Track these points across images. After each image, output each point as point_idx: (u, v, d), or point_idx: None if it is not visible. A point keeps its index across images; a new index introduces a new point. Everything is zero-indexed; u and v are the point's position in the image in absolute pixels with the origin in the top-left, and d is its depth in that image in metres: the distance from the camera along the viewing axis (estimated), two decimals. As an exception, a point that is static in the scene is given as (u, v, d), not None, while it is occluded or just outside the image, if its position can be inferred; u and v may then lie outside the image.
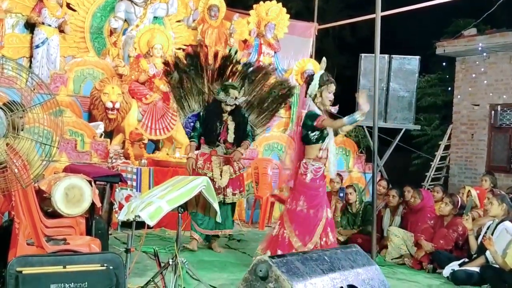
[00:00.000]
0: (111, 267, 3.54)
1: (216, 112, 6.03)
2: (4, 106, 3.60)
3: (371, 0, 6.30)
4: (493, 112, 10.72)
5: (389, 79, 8.73)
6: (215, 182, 5.84)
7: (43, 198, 4.19)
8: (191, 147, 6.12)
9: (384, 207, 6.86)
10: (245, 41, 10.09)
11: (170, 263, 3.98)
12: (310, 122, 5.08)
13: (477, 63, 10.97)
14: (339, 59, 15.58)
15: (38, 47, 8.34)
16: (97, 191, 4.44)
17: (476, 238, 5.68)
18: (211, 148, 6.08)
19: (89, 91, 8.10)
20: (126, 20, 9.06)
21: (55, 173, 5.27)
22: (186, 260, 4.09)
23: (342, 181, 7.49)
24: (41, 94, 3.70)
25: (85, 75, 8.55)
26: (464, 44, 10.82)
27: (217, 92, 6.05)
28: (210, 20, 9.41)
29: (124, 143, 8.00)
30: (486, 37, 10.46)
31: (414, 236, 6.16)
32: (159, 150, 8.46)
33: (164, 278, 4.04)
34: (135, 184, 7.09)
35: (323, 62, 5.35)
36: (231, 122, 6.07)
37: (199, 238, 6.08)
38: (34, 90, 3.72)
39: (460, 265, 5.57)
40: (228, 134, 6.05)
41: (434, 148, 12.62)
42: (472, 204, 6.26)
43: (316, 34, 11.60)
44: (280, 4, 10.17)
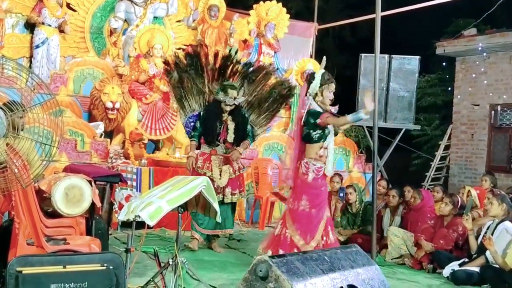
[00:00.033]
0: (111, 267, 3.54)
1: (216, 112, 6.04)
2: (4, 106, 3.60)
3: (371, 0, 6.30)
4: (493, 112, 10.71)
5: (389, 79, 8.73)
6: (214, 182, 5.84)
7: (43, 198, 4.19)
8: (191, 146, 6.13)
9: (384, 207, 6.85)
10: (245, 41, 10.08)
11: (170, 263, 3.97)
12: (313, 120, 5.06)
13: (477, 63, 10.96)
14: (339, 59, 15.56)
15: (38, 47, 8.34)
16: (97, 191, 4.44)
17: (476, 238, 5.68)
18: (211, 148, 6.08)
19: (89, 91, 8.10)
20: (126, 20, 9.06)
21: (55, 173, 5.26)
22: (186, 260, 4.09)
23: (342, 181, 7.47)
24: (41, 94, 3.70)
25: (85, 75, 8.55)
26: (464, 44, 10.81)
27: (216, 92, 6.06)
28: (210, 20, 9.40)
29: (124, 143, 8.00)
30: (486, 37, 10.45)
31: (414, 236, 6.16)
32: (159, 150, 8.46)
33: (164, 278, 4.04)
34: (135, 184, 7.10)
35: (324, 61, 5.35)
36: (231, 122, 6.07)
37: (200, 238, 6.09)
38: (34, 90, 3.72)
39: (460, 265, 5.56)
40: (228, 134, 6.06)
41: (434, 148, 12.61)
42: (472, 204, 6.26)
43: (316, 34, 11.60)
44: (280, 4, 10.16)
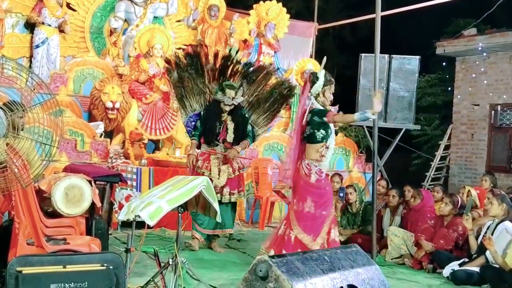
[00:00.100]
0: (111, 267, 3.54)
1: (215, 111, 6.05)
2: (4, 106, 3.60)
3: (371, 0, 6.30)
4: (493, 112, 10.71)
5: (389, 79, 8.72)
6: (213, 182, 5.84)
7: (43, 198, 4.19)
8: (192, 145, 6.15)
9: (384, 207, 6.85)
10: (245, 41, 10.08)
11: (170, 263, 3.97)
12: (319, 118, 5.05)
13: (477, 63, 10.96)
14: (339, 59, 15.56)
15: (38, 47, 8.34)
16: (97, 191, 4.44)
17: (476, 238, 5.68)
18: (211, 147, 6.09)
19: (89, 91, 8.10)
20: (126, 20, 9.06)
21: (55, 173, 5.27)
22: (186, 260, 4.09)
23: (342, 181, 7.49)
24: (41, 94, 3.70)
25: (85, 75, 8.55)
26: (464, 44, 10.81)
27: (215, 92, 6.07)
28: (210, 20, 9.40)
29: (124, 143, 8.00)
30: (486, 37, 10.44)
31: (414, 236, 6.16)
32: (159, 150, 8.46)
33: (164, 278, 4.04)
34: (135, 184, 7.10)
35: (324, 61, 5.35)
36: (230, 122, 6.07)
37: (200, 238, 6.10)
38: (34, 90, 3.72)
39: (460, 265, 5.56)
40: (227, 133, 6.06)
41: (434, 148, 12.60)
42: (472, 204, 6.26)
43: (316, 34, 11.60)
44: (280, 4, 10.16)
